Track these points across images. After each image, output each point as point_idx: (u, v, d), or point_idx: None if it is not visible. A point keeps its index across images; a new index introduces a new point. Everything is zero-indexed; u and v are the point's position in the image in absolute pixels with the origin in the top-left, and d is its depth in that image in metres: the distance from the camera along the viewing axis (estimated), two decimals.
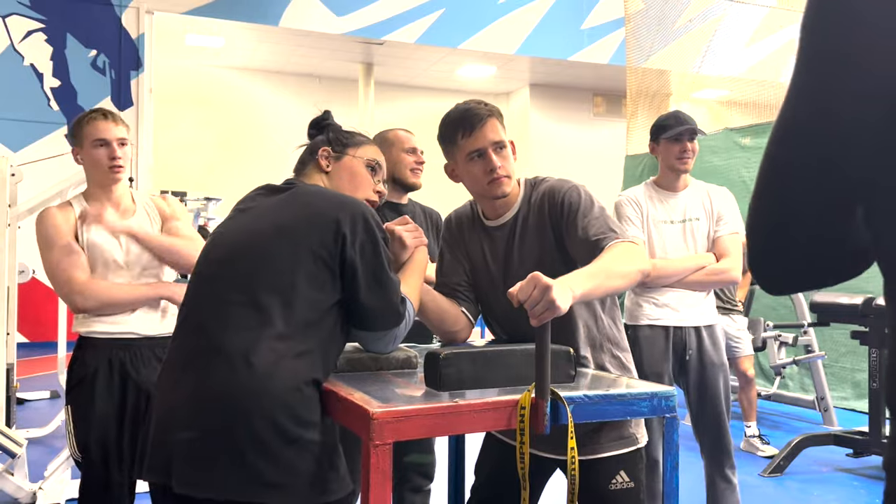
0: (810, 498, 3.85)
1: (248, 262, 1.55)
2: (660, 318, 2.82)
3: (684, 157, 2.79)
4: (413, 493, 2.65)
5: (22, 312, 4.60)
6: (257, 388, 1.43)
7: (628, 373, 1.91)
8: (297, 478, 1.41)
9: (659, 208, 2.84)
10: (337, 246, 1.53)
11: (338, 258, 1.53)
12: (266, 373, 1.44)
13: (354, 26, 11.57)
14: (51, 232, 2.32)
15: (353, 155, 1.78)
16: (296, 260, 1.51)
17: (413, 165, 2.62)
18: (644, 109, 9.18)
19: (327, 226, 1.53)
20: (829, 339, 6.08)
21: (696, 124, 2.83)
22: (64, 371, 4.47)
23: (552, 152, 14.89)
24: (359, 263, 1.54)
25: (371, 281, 1.55)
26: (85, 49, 10.21)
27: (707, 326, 2.85)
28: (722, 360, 2.86)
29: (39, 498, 3.56)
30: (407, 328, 1.63)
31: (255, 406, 1.42)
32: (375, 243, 1.56)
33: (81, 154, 2.46)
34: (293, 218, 1.58)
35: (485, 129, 1.82)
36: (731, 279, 2.80)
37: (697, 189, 2.87)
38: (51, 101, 10.05)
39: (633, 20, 9.10)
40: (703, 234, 2.81)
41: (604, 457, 1.80)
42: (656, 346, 2.81)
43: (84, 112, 2.49)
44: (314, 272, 1.51)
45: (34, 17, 10.03)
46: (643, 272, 1.67)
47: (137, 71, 10.41)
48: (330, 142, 1.81)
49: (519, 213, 1.88)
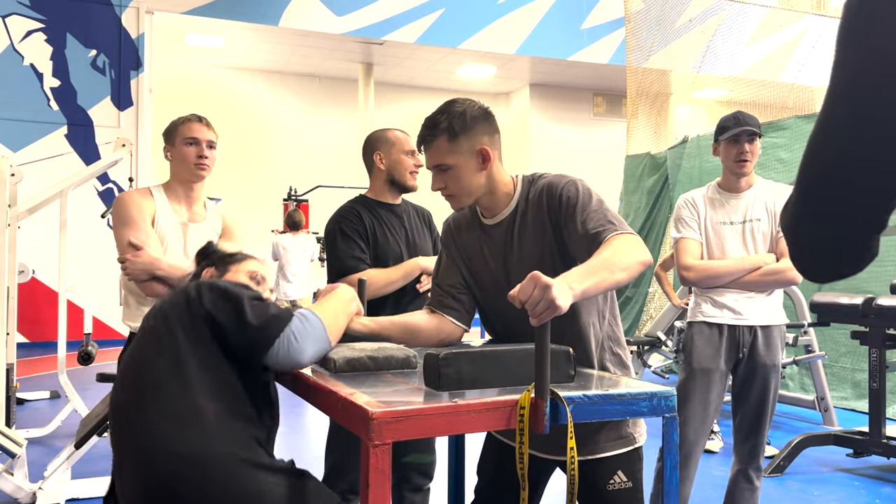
0: (810, 498, 3.85)
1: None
2: (715, 316, 2.84)
3: (741, 158, 2.76)
4: (413, 493, 2.65)
5: (22, 312, 4.60)
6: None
7: (627, 370, 1.92)
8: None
9: (719, 210, 2.84)
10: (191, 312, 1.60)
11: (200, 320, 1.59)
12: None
13: (354, 26, 11.57)
14: (132, 211, 2.50)
15: (237, 270, 1.88)
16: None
17: (412, 168, 2.62)
18: (644, 109, 9.18)
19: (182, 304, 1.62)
20: (829, 339, 6.08)
21: (757, 125, 2.78)
22: (64, 371, 4.48)
23: (552, 152, 14.89)
24: (213, 311, 1.60)
25: (232, 314, 1.59)
26: (85, 49, 10.21)
27: (764, 327, 2.82)
28: (774, 362, 2.82)
29: (39, 498, 3.56)
30: (310, 325, 1.62)
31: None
32: (220, 291, 1.62)
33: (172, 151, 2.63)
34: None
35: (429, 150, 1.85)
36: (789, 279, 2.75)
37: (763, 189, 2.83)
38: (51, 101, 10.05)
39: (633, 20, 9.10)
40: (765, 234, 2.78)
41: (602, 457, 1.80)
42: (709, 343, 2.83)
43: (180, 116, 2.67)
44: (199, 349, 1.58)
45: (34, 17, 10.03)
46: (644, 263, 1.66)
47: (137, 71, 10.41)
48: (215, 263, 1.93)
49: (517, 210, 1.88)
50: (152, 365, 1.57)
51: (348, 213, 2.58)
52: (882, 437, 4.15)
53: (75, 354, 5.42)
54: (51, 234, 5.52)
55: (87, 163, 9.49)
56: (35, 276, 4.69)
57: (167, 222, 2.57)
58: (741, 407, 2.88)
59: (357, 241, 2.52)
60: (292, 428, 5.47)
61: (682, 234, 2.88)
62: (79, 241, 8.17)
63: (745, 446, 2.86)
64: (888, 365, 4.33)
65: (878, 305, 4.20)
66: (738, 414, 2.89)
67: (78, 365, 5.43)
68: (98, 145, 10.02)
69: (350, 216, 2.56)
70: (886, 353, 4.26)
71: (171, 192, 2.64)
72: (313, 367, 1.71)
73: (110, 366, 7.48)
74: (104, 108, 10.24)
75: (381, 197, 2.64)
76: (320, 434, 5.07)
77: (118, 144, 4.23)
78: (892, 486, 4.05)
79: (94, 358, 5.47)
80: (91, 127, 10.13)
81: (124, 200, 2.55)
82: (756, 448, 2.85)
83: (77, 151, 9.86)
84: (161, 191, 2.63)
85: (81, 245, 8.61)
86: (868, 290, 5.52)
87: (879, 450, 4.17)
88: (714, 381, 2.85)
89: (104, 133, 10.01)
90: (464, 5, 12.18)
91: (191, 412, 1.50)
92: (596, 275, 1.55)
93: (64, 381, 4.51)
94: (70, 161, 9.44)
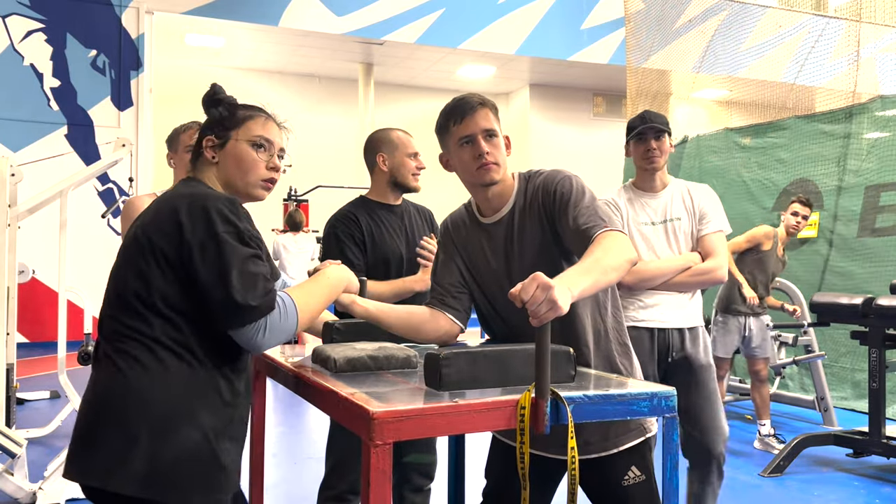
0: (810, 498, 3.86)
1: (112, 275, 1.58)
2: (644, 320, 2.76)
3: (649, 155, 2.75)
4: (414, 493, 2.65)
5: (22, 312, 4.60)
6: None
7: (633, 361, 1.93)
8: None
9: (639, 210, 2.80)
10: (175, 243, 1.49)
11: (177, 256, 1.49)
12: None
13: (354, 26, 11.58)
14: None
15: (237, 138, 1.68)
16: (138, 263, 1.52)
17: (415, 171, 2.63)
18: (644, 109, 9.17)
19: (171, 228, 1.50)
20: (829, 339, 6.08)
21: (663, 122, 2.78)
22: (64, 371, 4.48)
23: (552, 152, 14.89)
24: (198, 260, 1.48)
25: (214, 277, 1.47)
26: (85, 49, 10.22)
27: (691, 328, 2.78)
28: (709, 362, 2.77)
29: (39, 498, 3.56)
30: (285, 324, 1.53)
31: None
32: (215, 236, 1.49)
33: (175, 159, 2.67)
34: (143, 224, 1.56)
35: (475, 116, 1.84)
36: (716, 278, 2.73)
37: (677, 188, 2.82)
38: (51, 101, 10.05)
39: (633, 20, 9.10)
40: (686, 233, 2.76)
41: (614, 453, 1.81)
42: (641, 347, 2.73)
43: (182, 124, 2.67)
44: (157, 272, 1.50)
45: (34, 17, 10.03)
46: (631, 261, 1.69)
47: (137, 71, 10.41)
48: (213, 126, 1.70)
49: (515, 207, 1.89)
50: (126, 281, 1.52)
51: (344, 218, 2.57)
52: (882, 437, 4.15)
53: (75, 354, 5.42)
54: (51, 234, 5.51)
55: (87, 163, 9.49)
56: (35, 276, 4.69)
57: None
58: (695, 410, 2.73)
59: (351, 246, 2.52)
60: (292, 428, 5.48)
61: None
62: (79, 241, 8.18)
63: (701, 451, 2.74)
64: (888, 365, 4.33)
65: (878, 305, 4.20)
66: (691, 418, 2.74)
67: (78, 365, 5.43)
68: (98, 145, 10.02)
69: (346, 221, 2.56)
70: (886, 353, 4.26)
71: None
72: (314, 366, 1.71)
73: None
74: (104, 108, 10.24)
75: (382, 198, 2.64)
76: (321, 434, 5.08)
77: (118, 144, 4.23)
78: (891, 486, 4.05)
79: None
80: (91, 127, 10.14)
81: (134, 204, 2.55)
82: (718, 447, 2.73)
83: (77, 151, 9.86)
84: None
85: (81, 245, 8.61)
86: (868, 290, 5.52)
87: (879, 450, 4.17)
88: None
89: (104, 133, 10.01)
90: (464, 5, 12.18)
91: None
92: (591, 276, 1.57)
93: (64, 381, 4.51)
94: (70, 161, 9.43)
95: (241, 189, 1.68)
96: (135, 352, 1.48)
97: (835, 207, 6.39)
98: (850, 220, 6.27)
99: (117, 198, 9.15)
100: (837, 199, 6.36)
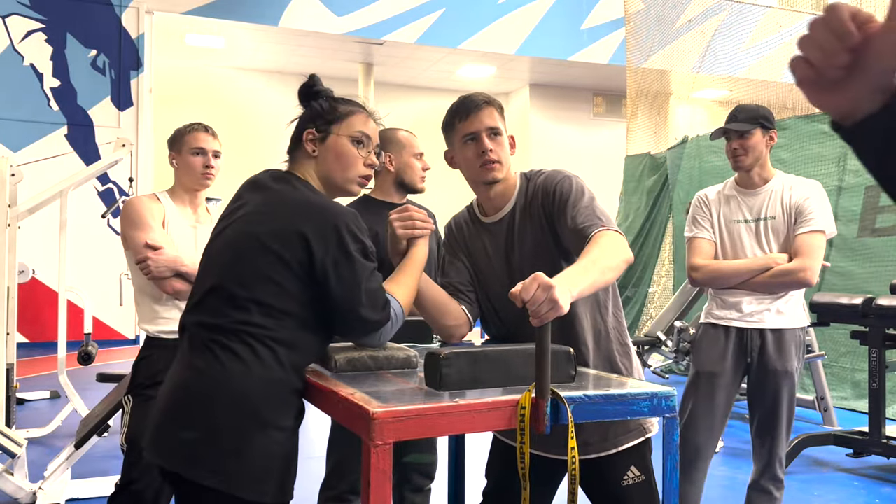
0: (810, 498, 3.85)
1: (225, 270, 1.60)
2: (722, 318, 2.72)
3: (733, 155, 2.69)
4: (414, 493, 2.65)
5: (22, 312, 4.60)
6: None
7: (632, 362, 1.93)
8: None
9: (734, 208, 2.73)
10: (308, 260, 1.54)
11: (308, 270, 1.54)
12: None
13: (354, 26, 11.57)
14: (143, 214, 2.52)
15: (338, 133, 1.68)
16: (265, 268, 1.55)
17: (421, 172, 2.63)
18: (644, 110, 9.18)
19: (297, 240, 1.53)
20: (829, 339, 6.08)
21: (749, 119, 2.66)
22: (64, 371, 4.48)
23: (552, 152, 14.88)
24: (333, 277, 1.54)
25: (346, 293, 1.55)
26: (85, 49, 10.21)
27: (774, 331, 2.65)
28: (786, 368, 2.64)
29: (39, 498, 3.56)
30: (395, 327, 1.65)
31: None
32: (348, 255, 1.55)
33: (178, 159, 2.67)
34: (266, 232, 1.57)
35: (480, 114, 1.85)
36: (800, 280, 2.57)
37: (779, 184, 2.69)
38: (51, 101, 10.04)
39: (633, 20, 9.11)
40: (779, 232, 2.64)
41: (613, 453, 1.82)
42: (715, 345, 2.72)
43: (185, 124, 2.69)
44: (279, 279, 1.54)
45: (34, 17, 10.03)
46: (628, 261, 1.70)
47: (137, 71, 10.41)
48: (314, 119, 1.70)
49: (516, 206, 1.90)
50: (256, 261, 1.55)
51: None
52: (882, 437, 4.15)
53: (75, 354, 5.42)
54: (51, 234, 5.52)
55: (87, 163, 9.48)
56: (35, 276, 4.69)
57: (178, 225, 2.62)
58: (754, 414, 2.76)
59: None
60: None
61: (692, 234, 2.81)
62: (79, 241, 8.18)
63: (760, 454, 2.74)
64: (888, 365, 4.33)
65: (878, 305, 4.20)
66: (753, 422, 2.77)
67: (78, 365, 5.43)
68: (98, 145, 10.02)
69: None
70: (886, 353, 4.26)
71: (176, 198, 2.69)
72: (313, 366, 1.72)
73: (110, 366, 7.48)
74: (104, 108, 10.24)
75: (386, 197, 2.64)
76: (321, 434, 5.07)
77: (118, 144, 4.22)
78: (891, 486, 4.05)
79: (94, 358, 5.47)
80: (91, 127, 10.14)
81: (134, 204, 2.56)
82: (770, 457, 2.71)
83: (77, 151, 9.86)
84: (167, 196, 2.68)
85: (81, 245, 8.61)
86: (868, 290, 5.52)
87: (879, 450, 4.17)
88: (719, 386, 2.73)
89: (104, 133, 10.01)
90: (464, 5, 12.18)
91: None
92: (589, 276, 1.58)
93: (64, 381, 4.51)
94: (70, 161, 9.43)
95: (339, 184, 1.70)
96: (237, 347, 1.51)
97: (835, 207, 6.39)
98: (850, 220, 6.27)
99: (117, 198, 9.13)
100: (837, 199, 6.36)
